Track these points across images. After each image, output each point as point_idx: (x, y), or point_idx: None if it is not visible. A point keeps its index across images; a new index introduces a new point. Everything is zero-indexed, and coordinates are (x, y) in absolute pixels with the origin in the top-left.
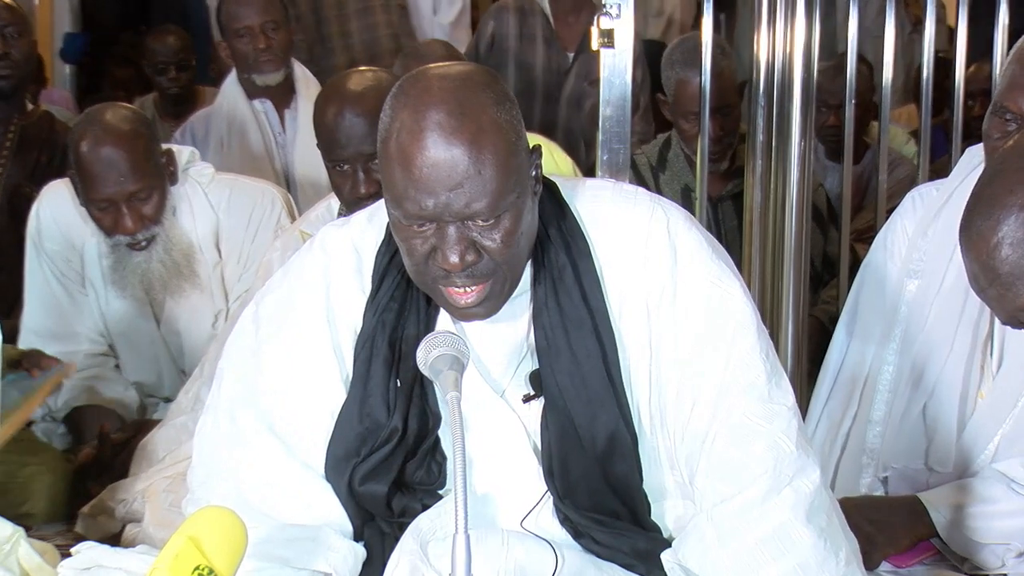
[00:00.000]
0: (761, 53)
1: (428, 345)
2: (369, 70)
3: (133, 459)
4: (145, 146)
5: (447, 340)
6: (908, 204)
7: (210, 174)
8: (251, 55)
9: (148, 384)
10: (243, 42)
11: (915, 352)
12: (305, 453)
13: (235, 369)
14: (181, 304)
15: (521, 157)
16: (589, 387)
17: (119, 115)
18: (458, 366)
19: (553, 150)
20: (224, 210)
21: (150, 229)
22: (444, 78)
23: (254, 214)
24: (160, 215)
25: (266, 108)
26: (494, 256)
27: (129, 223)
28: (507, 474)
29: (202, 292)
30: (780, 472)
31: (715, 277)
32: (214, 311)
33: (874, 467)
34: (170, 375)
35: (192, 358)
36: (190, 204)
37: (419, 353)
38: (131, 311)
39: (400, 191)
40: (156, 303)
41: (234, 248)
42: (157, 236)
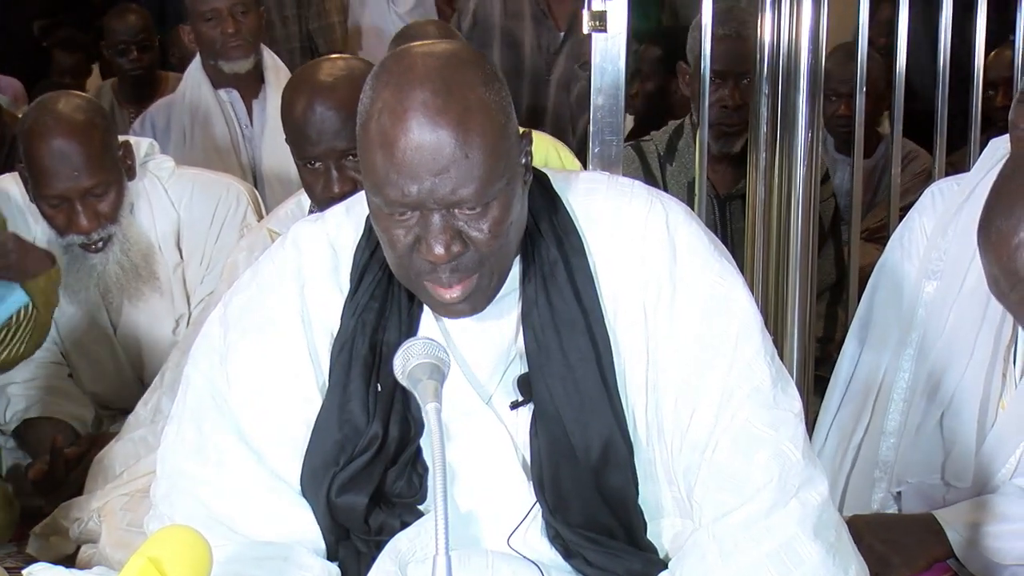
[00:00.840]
0: (765, 37)
1: (405, 353)
2: (340, 58)
3: (88, 475)
4: (101, 138)
5: (426, 348)
6: (927, 200)
7: (170, 168)
8: (218, 40)
9: (104, 395)
10: (210, 26)
11: (933, 359)
12: (277, 465)
13: (202, 375)
14: (139, 309)
15: (511, 141)
16: (582, 392)
17: (72, 104)
18: (438, 375)
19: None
20: (186, 207)
21: (106, 228)
22: (429, 56)
23: (218, 211)
24: (117, 213)
25: (232, 98)
26: (481, 248)
27: (84, 222)
28: (493, 487)
29: (162, 296)
30: (786, 483)
31: (716, 275)
32: (175, 316)
33: (887, 481)
34: (128, 385)
35: (151, 367)
36: (149, 200)
37: (396, 361)
38: (85, 317)
39: (381, 176)
40: (112, 308)
41: (196, 248)
42: (114, 236)
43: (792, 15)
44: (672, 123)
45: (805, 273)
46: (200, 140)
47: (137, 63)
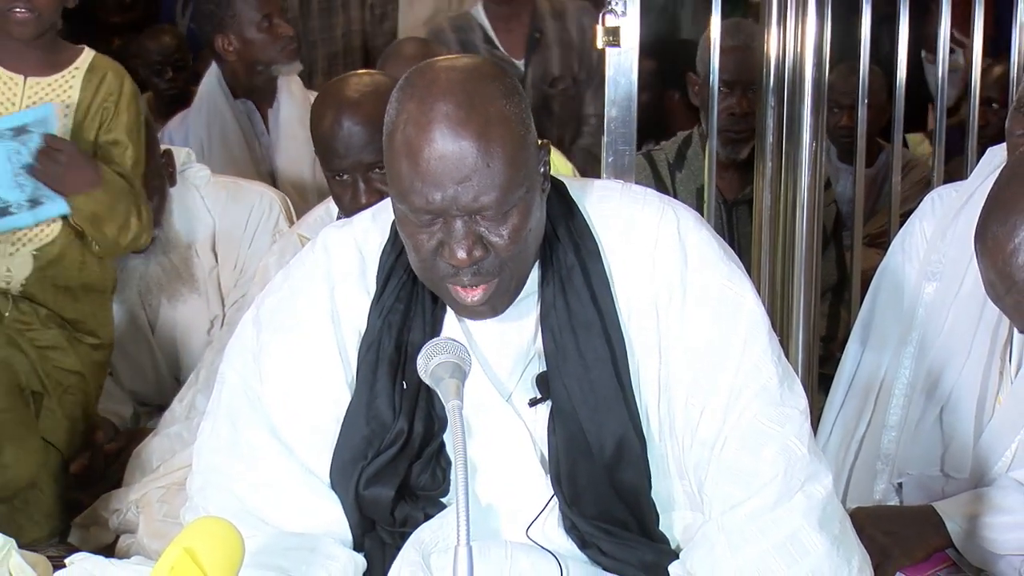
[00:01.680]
0: (771, 51)
1: (428, 352)
2: (367, 73)
3: (126, 469)
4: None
5: (448, 347)
6: (927, 206)
7: (206, 176)
8: (279, 44)
9: (142, 392)
10: (271, 31)
11: (932, 356)
12: (308, 459)
13: (236, 373)
14: (176, 310)
15: (530, 151)
16: (597, 391)
17: None
18: (459, 374)
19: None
20: (221, 214)
21: (150, 231)
22: (451, 69)
23: (251, 218)
24: (160, 217)
25: (248, 108)
26: (501, 252)
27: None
28: (512, 481)
29: (198, 297)
30: (792, 477)
31: (726, 279)
32: (209, 317)
33: (888, 473)
34: (164, 383)
35: (187, 365)
36: (186, 207)
37: (419, 360)
38: (126, 318)
39: (407, 184)
40: (150, 309)
41: (231, 252)
42: (156, 238)
43: (797, 30)
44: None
45: (810, 276)
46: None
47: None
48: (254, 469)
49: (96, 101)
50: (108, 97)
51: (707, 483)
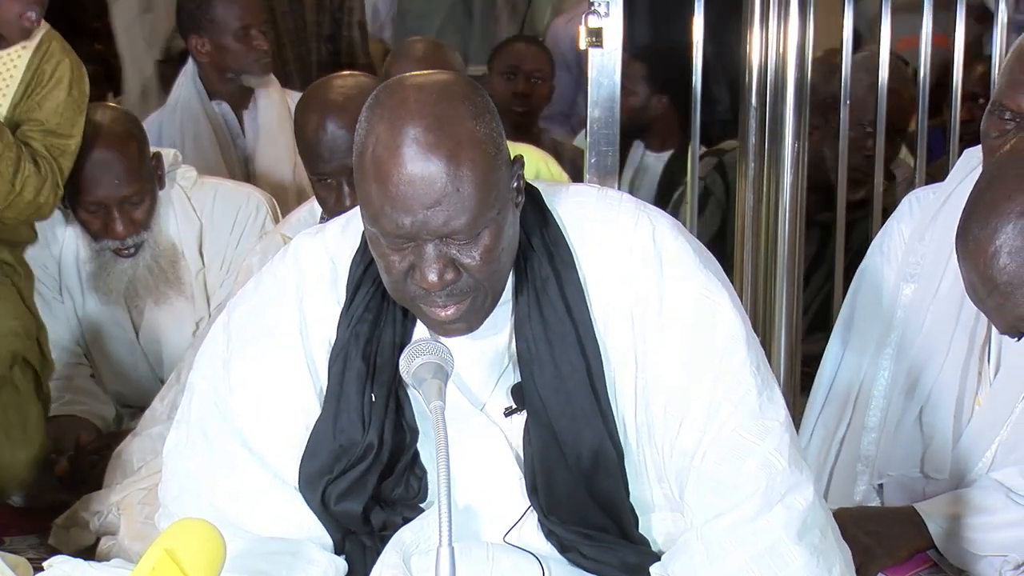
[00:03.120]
0: (753, 52)
1: (411, 352)
2: (351, 75)
3: (107, 470)
4: (138, 149)
5: (431, 348)
6: (905, 208)
7: (193, 177)
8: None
9: (125, 394)
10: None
11: (911, 357)
12: (280, 468)
13: (206, 382)
14: (162, 311)
15: (501, 172)
16: (573, 401)
17: (111, 116)
18: (442, 375)
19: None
20: (208, 215)
21: (140, 235)
22: (421, 89)
23: (238, 219)
24: (150, 220)
25: (223, 110)
26: (474, 273)
27: (120, 228)
28: (489, 489)
29: (184, 299)
30: (772, 490)
31: (702, 287)
32: (195, 319)
33: (869, 475)
34: (148, 384)
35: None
36: (174, 208)
37: (402, 361)
38: (109, 319)
39: (376, 208)
40: (135, 311)
41: (217, 254)
42: (145, 242)
43: (779, 31)
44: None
45: (792, 276)
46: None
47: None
48: (229, 478)
49: (35, 76)
50: (45, 72)
51: (688, 491)
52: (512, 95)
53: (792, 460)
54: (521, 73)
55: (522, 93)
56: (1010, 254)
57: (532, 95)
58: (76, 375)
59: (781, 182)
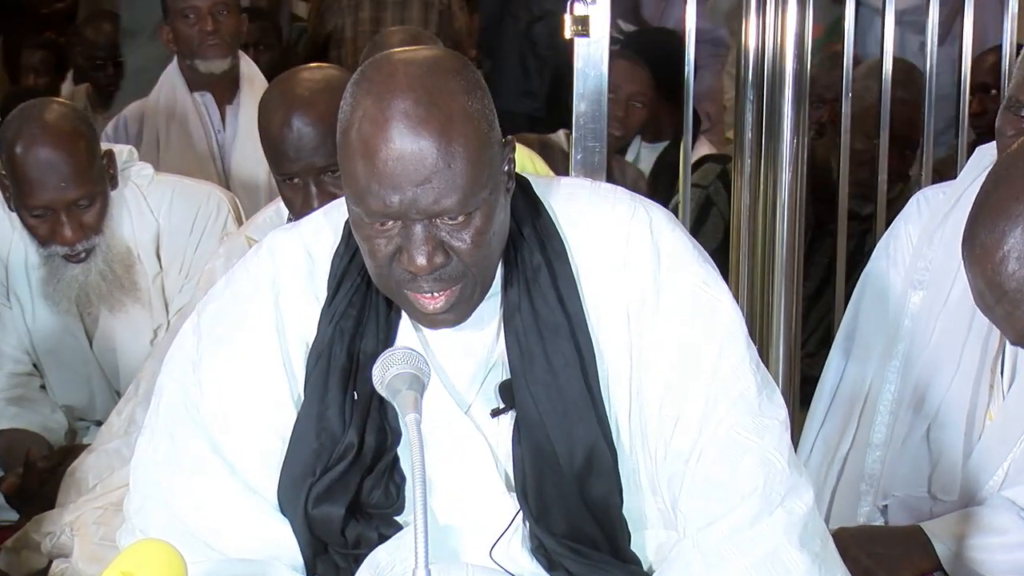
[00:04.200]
0: (749, 43)
1: (385, 363)
2: (319, 68)
3: (60, 488)
4: (87, 148)
5: (405, 357)
6: (912, 208)
7: (149, 175)
8: (196, 38)
9: (78, 407)
10: (188, 23)
11: (919, 370)
12: (252, 477)
13: (175, 386)
14: (116, 319)
15: (494, 150)
16: (566, 398)
17: (58, 113)
18: (418, 385)
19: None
20: (165, 215)
21: (91, 239)
22: (411, 63)
23: (198, 219)
24: (102, 223)
25: (206, 101)
26: (464, 257)
27: (69, 233)
28: (473, 499)
29: (141, 306)
30: (771, 491)
31: (701, 281)
32: (153, 326)
33: (873, 494)
34: (103, 397)
35: (128, 378)
36: (128, 209)
37: (375, 371)
38: (61, 327)
39: (362, 186)
40: (88, 319)
41: (176, 257)
42: (97, 246)
43: (777, 19)
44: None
45: (791, 281)
46: (176, 144)
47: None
48: (197, 487)
49: None
50: None
51: (682, 497)
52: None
53: (791, 461)
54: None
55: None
56: (1019, 259)
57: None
58: (25, 386)
59: (779, 181)
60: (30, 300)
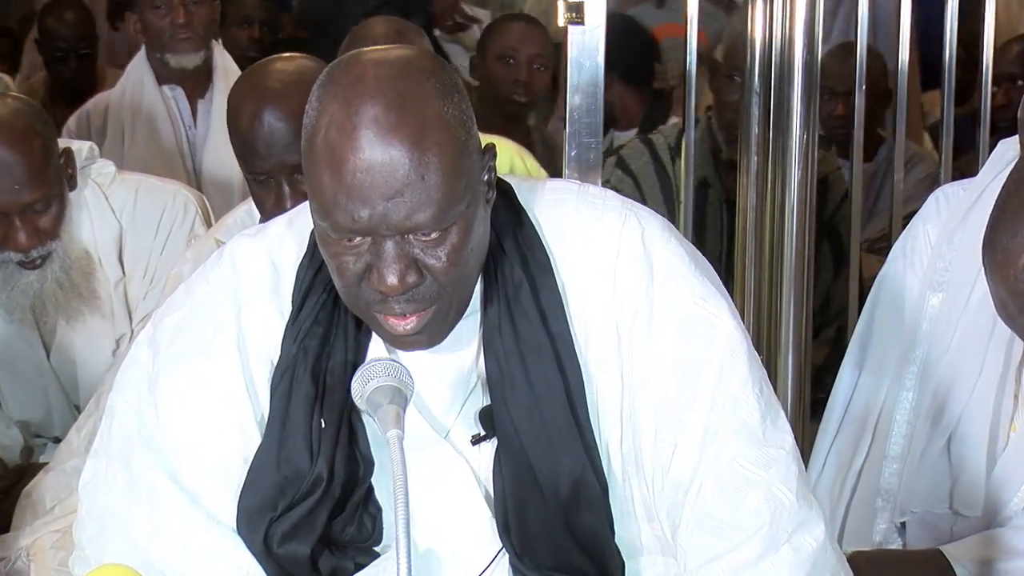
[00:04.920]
0: (756, 32)
1: (365, 375)
2: (291, 58)
3: (16, 510)
4: (43, 147)
5: (387, 369)
6: (931, 206)
7: (111, 173)
8: (166, 30)
9: (35, 422)
10: (158, 15)
11: (938, 378)
12: (213, 506)
13: (128, 405)
14: (75, 329)
15: (471, 159)
16: (549, 425)
17: (10, 109)
18: (400, 399)
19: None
20: (128, 216)
21: (47, 245)
22: (381, 64)
23: (163, 221)
24: (59, 228)
25: (176, 95)
26: (438, 276)
27: (23, 239)
28: (455, 529)
29: (102, 316)
30: (778, 528)
31: (698, 296)
32: (115, 336)
33: (890, 511)
34: (61, 412)
35: (88, 391)
36: (89, 210)
37: (354, 384)
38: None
39: (328, 199)
40: (45, 328)
41: (139, 261)
42: (54, 252)
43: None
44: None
45: (800, 286)
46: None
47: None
48: (155, 515)
49: None
50: None
51: (682, 531)
52: (513, 83)
53: (800, 494)
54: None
55: (523, 81)
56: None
57: (532, 83)
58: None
59: (788, 178)
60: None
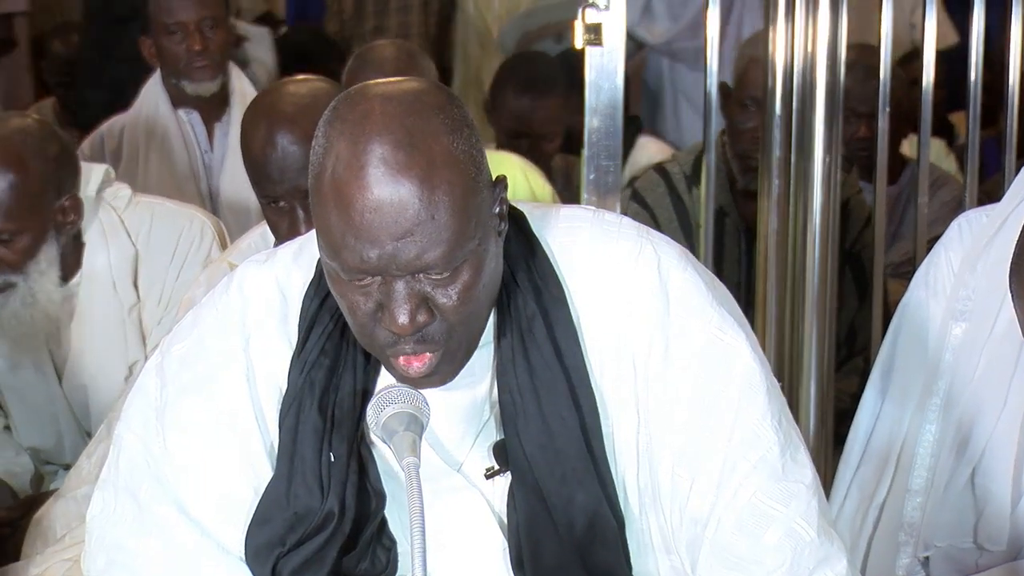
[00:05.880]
0: (777, 53)
1: (380, 401)
2: (306, 80)
3: (26, 538)
4: (28, 179)
5: (403, 395)
6: (954, 233)
7: (127, 196)
8: (183, 58)
9: (45, 448)
10: (174, 41)
11: (962, 409)
12: (223, 539)
13: (135, 437)
14: (88, 355)
15: (482, 195)
16: (564, 461)
17: (17, 130)
18: (416, 426)
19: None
20: (143, 240)
21: (4, 274)
22: (388, 100)
23: (179, 246)
24: (24, 263)
25: (192, 119)
26: (449, 316)
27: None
28: (468, 562)
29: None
30: (799, 565)
31: (716, 327)
32: (127, 362)
33: (913, 545)
34: (72, 438)
35: (99, 417)
36: (104, 233)
37: (369, 411)
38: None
39: (337, 239)
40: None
41: (154, 286)
42: (17, 287)
43: (807, 28)
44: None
45: (823, 313)
46: (156, 164)
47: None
48: (164, 550)
49: None
50: None
51: (701, 565)
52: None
53: (821, 530)
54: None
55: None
56: None
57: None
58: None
59: (810, 202)
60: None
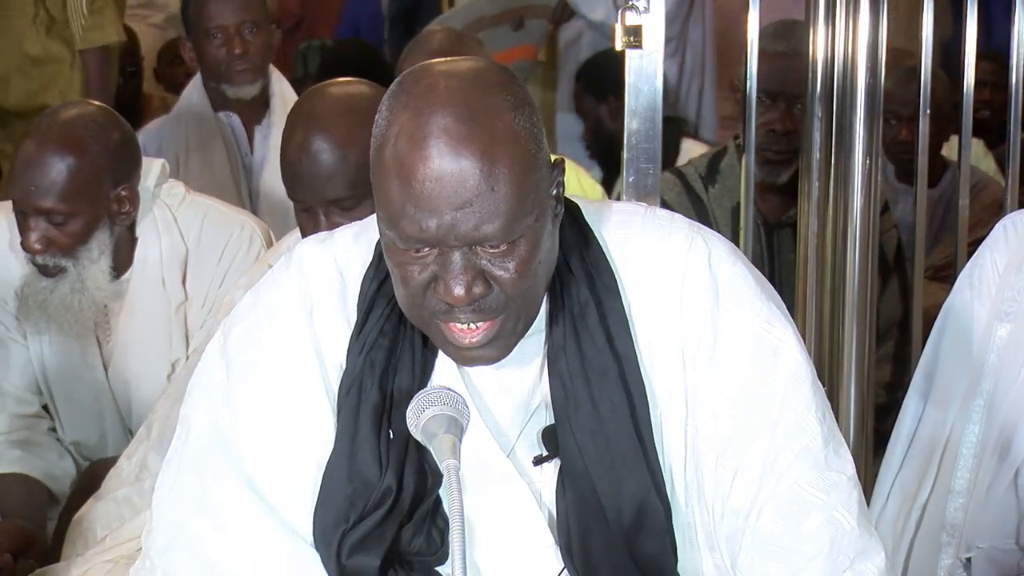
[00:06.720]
0: (818, 54)
1: (419, 404)
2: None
3: (66, 539)
4: (82, 164)
5: (443, 397)
6: (999, 234)
7: (180, 194)
8: (223, 61)
9: (88, 444)
10: (214, 44)
11: (1006, 410)
12: (292, 517)
13: (204, 415)
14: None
15: (541, 172)
16: (614, 448)
17: (79, 115)
18: (456, 428)
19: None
20: (194, 240)
21: (56, 257)
22: (452, 76)
23: (227, 250)
24: (75, 248)
25: (232, 122)
26: (506, 288)
27: (30, 239)
28: (516, 549)
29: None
30: (838, 553)
31: (764, 321)
32: (171, 359)
33: (955, 546)
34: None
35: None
36: (157, 230)
37: (409, 413)
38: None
39: (396, 208)
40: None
41: (200, 288)
42: (67, 271)
43: (848, 29)
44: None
45: (863, 314)
46: (196, 167)
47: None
48: (228, 530)
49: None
50: None
51: (741, 558)
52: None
53: (861, 521)
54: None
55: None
56: None
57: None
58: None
59: (850, 205)
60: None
